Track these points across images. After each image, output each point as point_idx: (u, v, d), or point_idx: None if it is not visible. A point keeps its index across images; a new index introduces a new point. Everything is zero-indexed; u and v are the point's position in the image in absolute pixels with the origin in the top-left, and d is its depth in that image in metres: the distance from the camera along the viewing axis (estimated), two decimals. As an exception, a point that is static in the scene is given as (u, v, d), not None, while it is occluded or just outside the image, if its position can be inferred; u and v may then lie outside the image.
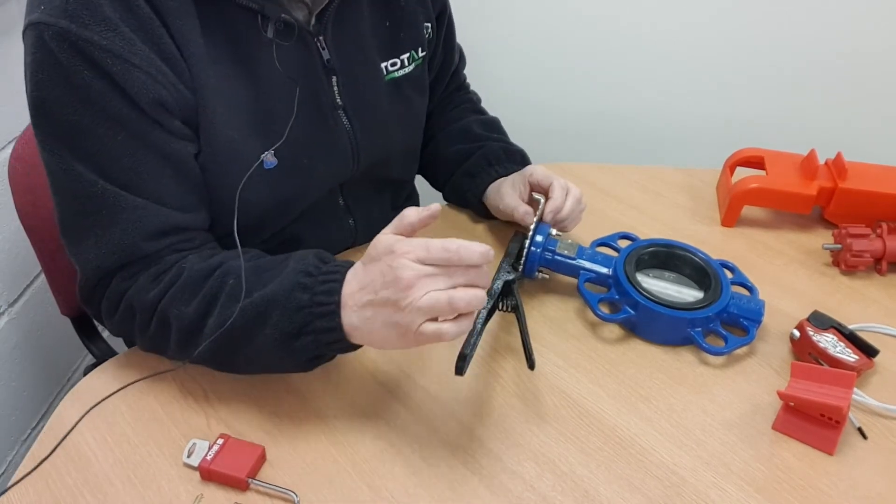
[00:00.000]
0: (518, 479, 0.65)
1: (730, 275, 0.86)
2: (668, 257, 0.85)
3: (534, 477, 0.66)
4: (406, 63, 0.86)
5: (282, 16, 0.69)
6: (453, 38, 0.99)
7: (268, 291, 0.64)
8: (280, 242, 0.85)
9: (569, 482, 0.65)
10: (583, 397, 0.73)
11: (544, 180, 0.85)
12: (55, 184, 0.67)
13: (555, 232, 0.84)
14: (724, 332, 0.77)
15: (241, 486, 0.64)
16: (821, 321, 0.77)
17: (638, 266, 0.82)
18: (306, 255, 0.66)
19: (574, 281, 0.83)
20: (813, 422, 0.68)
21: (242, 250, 0.70)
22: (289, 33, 0.71)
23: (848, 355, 0.74)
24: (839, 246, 0.90)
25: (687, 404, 0.73)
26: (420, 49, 0.87)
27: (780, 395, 0.68)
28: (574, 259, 0.83)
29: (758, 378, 0.76)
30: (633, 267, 0.81)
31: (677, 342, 0.79)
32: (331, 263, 0.65)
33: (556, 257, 0.83)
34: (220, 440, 0.66)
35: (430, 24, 0.89)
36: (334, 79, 0.78)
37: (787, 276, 0.90)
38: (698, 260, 0.83)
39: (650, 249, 0.85)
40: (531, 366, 0.71)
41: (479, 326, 0.71)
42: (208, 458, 0.65)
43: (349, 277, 0.63)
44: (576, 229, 0.90)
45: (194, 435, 0.69)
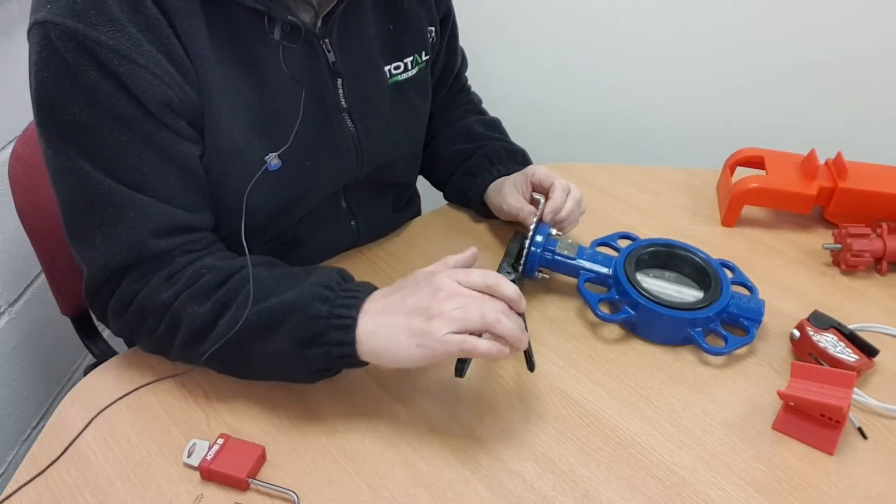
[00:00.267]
0: (518, 479, 0.65)
1: (730, 274, 0.86)
2: (669, 257, 0.85)
3: (534, 477, 0.66)
4: (409, 66, 0.86)
5: (288, 18, 0.69)
6: (457, 42, 0.99)
7: (287, 297, 0.65)
8: (282, 244, 0.85)
9: (569, 482, 0.65)
10: (583, 397, 0.73)
11: (546, 180, 0.85)
12: (61, 183, 0.67)
13: (555, 232, 0.84)
14: (724, 332, 0.78)
15: (242, 486, 0.64)
16: (821, 321, 0.77)
17: (638, 266, 0.82)
18: (329, 271, 0.68)
19: (574, 281, 0.83)
20: (813, 422, 0.68)
21: (263, 259, 0.72)
22: (295, 35, 0.71)
23: (848, 355, 0.74)
24: (839, 246, 0.90)
25: (687, 404, 0.73)
26: (423, 52, 0.88)
27: (781, 394, 0.68)
28: (574, 259, 0.83)
29: (758, 378, 0.76)
30: (633, 267, 0.81)
31: (677, 342, 0.79)
32: (352, 282, 0.68)
33: (556, 257, 0.83)
34: (221, 440, 0.66)
35: (433, 28, 0.89)
36: (339, 81, 0.78)
37: (787, 275, 0.90)
38: (698, 260, 0.83)
39: (650, 249, 0.85)
40: (531, 367, 0.70)
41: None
42: (208, 457, 0.65)
43: (375, 294, 0.65)
44: (576, 229, 0.90)
45: (194, 435, 0.69)
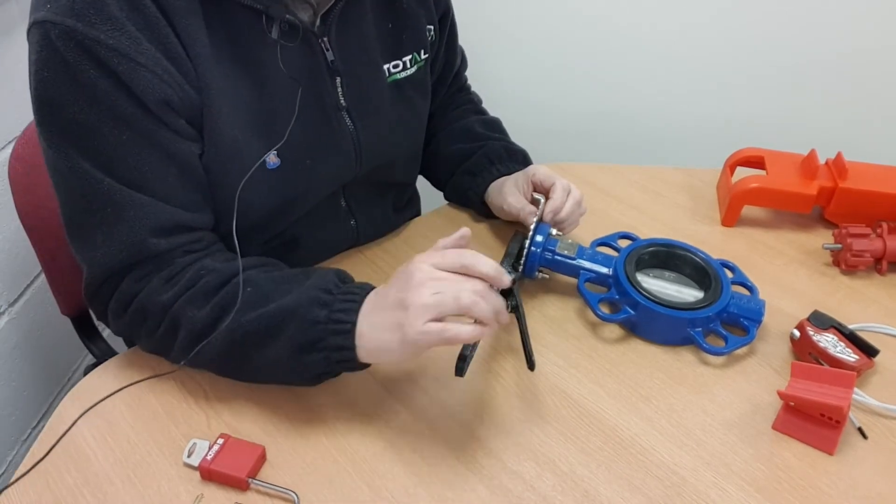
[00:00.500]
0: (518, 479, 0.65)
1: (730, 274, 0.86)
2: (669, 257, 0.85)
3: (534, 477, 0.66)
4: (408, 65, 0.86)
5: (286, 16, 0.69)
6: (456, 41, 0.99)
7: (286, 302, 0.64)
8: (282, 243, 0.85)
9: (569, 482, 0.65)
10: (583, 397, 0.73)
11: (546, 180, 0.85)
12: (61, 182, 0.67)
13: (555, 232, 0.84)
14: (724, 332, 0.77)
15: (242, 486, 0.64)
16: (821, 321, 0.77)
17: (638, 266, 0.82)
18: (327, 274, 0.68)
19: (574, 281, 0.83)
20: (813, 422, 0.68)
21: (261, 260, 0.71)
22: (293, 34, 0.71)
23: (848, 355, 0.74)
24: (839, 246, 0.90)
25: (687, 404, 0.73)
26: (422, 51, 0.87)
27: (781, 394, 0.68)
28: (574, 259, 0.83)
29: (758, 378, 0.76)
30: (633, 267, 0.81)
31: (677, 342, 0.79)
32: (350, 284, 0.68)
33: (556, 257, 0.83)
34: (221, 440, 0.66)
35: (432, 27, 0.89)
36: (338, 80, 0.78)
37: (787, 275, 0.90)
38: (698, 260, 0.83)
39: (650, 249, 0.84)
40: (531, 367, 0.71)
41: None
42: (208, 457, 0.65)
43: (370, 295, 0.65)
44: (576, 229, 0.90)
45: (194, 435, 0.69)
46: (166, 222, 0.68)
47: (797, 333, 0.77)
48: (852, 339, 0.76)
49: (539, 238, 0.82)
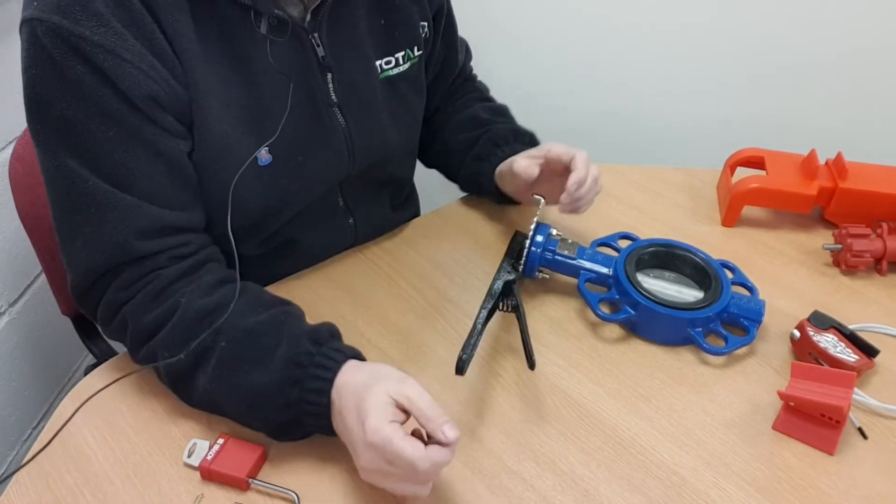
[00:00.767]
0: (518, 479, 0.65)
1: (730, 275, 0.86)
2: (669, 257, 0.85)
3: (534, 477, 0.66)
4: (401, 61, 0.86)
5: (275, 11, 0.69)
6: (454, 36, 0.98)
7: (257, 384, 0.64)
8: (280, 243, 0.85)
9: (569, 482, 0.65)
10: (583, 397, 0.73)
11: (565, 154, 0.81)
12: (49, 181, 0.67)
13: (555, 232, 0.84)
14: (724, 332, 0.78)
15: (242, 486, 0.64)
16: (821, 321, 0.77)
17: (638, 266, 0.82)
18: (300, 339, 0.65)
19: (574, 281, 0.83)
20: (813, 422, 0.68)
21: (242, 289, 0.69)
22: (282, 29, 0.70)
23: (848, 355, 0.74)
24: (839, 246, 0.90)
25: (687, 404, 0.73)
26: (416, 48, 0.87)
27: (781, 394, 0.68)
28: (574, 259, 0.83)
29: (758, 378, 0.76)
30: (633, 267, 0.81)
31: (677, 342, 0.79)
32: (323, 349, 0.65)
33: (557, 257, 0.83)
34: (221, 440, 0.66)
35: (426, 23, 0.88)
36: (329, 76, 0.78)
37: (787, 276, 0.90)
38: (698, 260, 0.83)
39: (650, 249, 0.85)
40: (531, 366, 0.71)
41: (480, 327, 0.71)
42: (209, 457, 0.65)
43: (345, 375, 0.63)
44: (576, 229, 0.90)
45: (195, 435, 0.69)
46: (152, 224, 0.67)
47: (797, 333, 0.77)
48: (852, 339, 0.76)
49: (539, 238, 0.82)
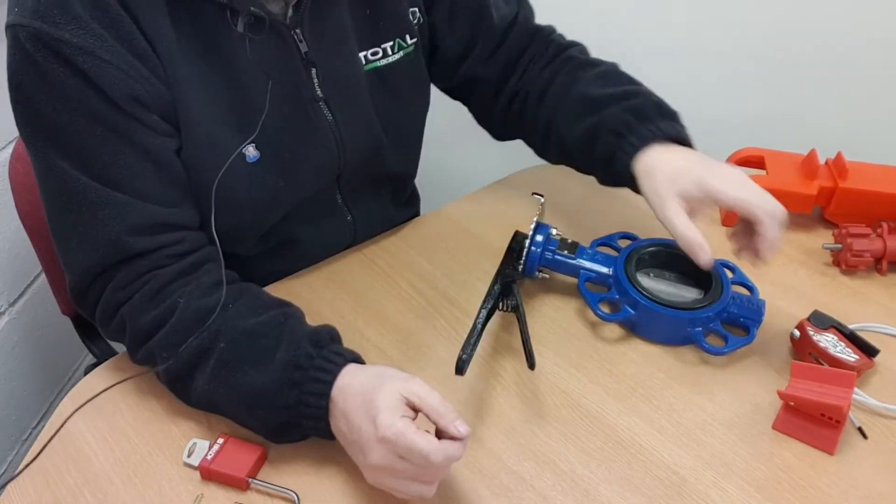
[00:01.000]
0: (518, 479, 0.65)
1: (730, 274, 0.86)
2: (669, 257, 0.85)
3: (534, 476, 0.66)
4: (390, 52, 0.83)
5: (251, 9, 0.68)
6: (473, 11, 0.88)
7: (255, 386, 0.64)
8: (279, 242, 0.85)
9: (569, 482, 0.65)
10: (583, 397, 0.73)
11: (742, 209, 0.70)
12: (42, 183, 0.68)
13: (555, 232, 0.83)
14: (724, 332, 0.77)
15: (242, 486, 0.64)
16: (821, 321, 0.77)
17: (638, 266, 0.82)
18: (300, 341, 0.65)
19: (574, 281, 0.83)
20: (813, 421, 0.68)
21: (240, 290, 0.70)
22: (259, 27, 0.70)
23: (848, 355, 0.74)
24: (839, 246, 0.90)
25: (687, 404, 0.73)
26: (408, 36, 0.84)
27: (781, 394, 0.68)
28: (574, 259, 0.83)
29: (758, 378, 0.76)
30: (633, 267, 0.81)
31: (678, 342, 0.79)
32: (323, 352, 0.65)
33: (557, 257, 0.83)
34: (221, 440, 0.66)
35: (416, 9, 0.85)
36: (313, 71, 0.77)
37: (787, 275, 0.90)
38: (698, 260, 0.83)
39: (650, 249, 0.84)
40: (531, 365, 0.71)
41: (480, 327, 0.71)
42: (209, 457, 0.65)
43: (345, 377, 0.63)
44: (576, 229, 0.90)
45: (195, 434, 0.69)
46: (144, 220, 0.67)
47: (797, 333, 0.77)
48: (852, 338, 0.76)
49: (539, 238, 0.82)
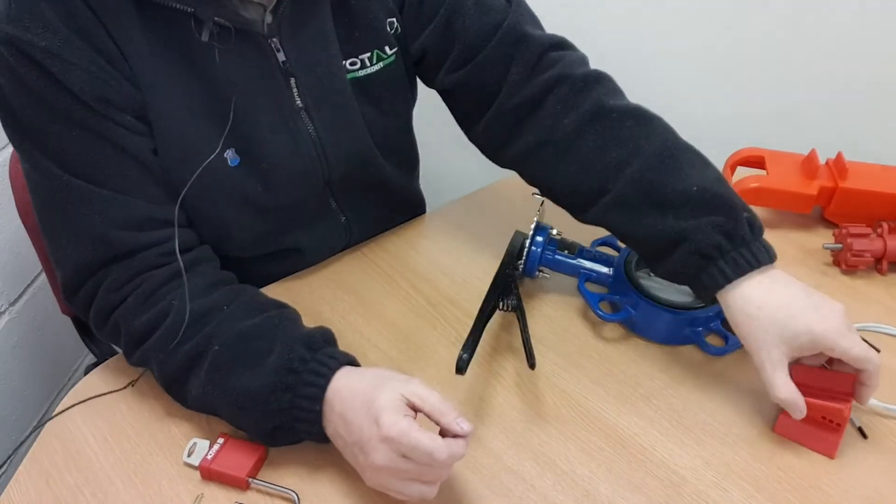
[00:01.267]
0: (518, 479, 0.65)
1: (730, 274, 0.86)
2: (669, 257, 0.85)
3: (534, 476, 0.66)
4: (368, 63, 0.81)
5: (215, 19, 0.67)
6: (464, 19, 0.79)
7: (249, 389, 0.64)
8: (275, 244, 0.85)
9: (569, 481, 0.65)
10: (583, 397, 0.73)
11: (860, 366, 0.65)
12: (30, 183, 0.68)
13: (555, 232, 0.83)
14: (724, 332, 0.77)
15: (242, 486, 0.64)
16: (821, 321, 0.77)
17: (638, 266, 0.82)
18: (294, 344, 0.65)
19: (574, 281, 0.83)
20: (814, 425, 0.67)
21: (237, 292, 0.71)
22: (226, 37, 0.68)
23: (848, 355, 0.74)
24: (840, 245, 0.90)
25: (687, 404, 0.73)
26: (387, 47, 0.82)
27: (781, 394, 0.68)
28: (574, 259, 0.83)
29: (758, 377, 0.76)
30: (633, 266, 0.81)
31: (678, 342, 0.79)
32: (317, 355, 0.65)
33: (557, 257, 0.83)
34: (221, 440, 0.66)
35: (394, 19, 0.82)
36: (292, 80, 0.75)
37: (787, 275, 0.90)
38: (699, 260, 0.83)
39: (650, 249, 0.84)
40: (532, 365, 0.71)
41: (480, 326, 0.71)
42: (209, 457, 0.65)
43: (339, 380, 0.63)
44: (576, 229, 0.89)
45: (195, 434, 0.69)
46: (130, 215, 0.68)
47: (797, 333, 0.77)
48: (852, 338, 0.75)
49: (539, 238, 0.82)
